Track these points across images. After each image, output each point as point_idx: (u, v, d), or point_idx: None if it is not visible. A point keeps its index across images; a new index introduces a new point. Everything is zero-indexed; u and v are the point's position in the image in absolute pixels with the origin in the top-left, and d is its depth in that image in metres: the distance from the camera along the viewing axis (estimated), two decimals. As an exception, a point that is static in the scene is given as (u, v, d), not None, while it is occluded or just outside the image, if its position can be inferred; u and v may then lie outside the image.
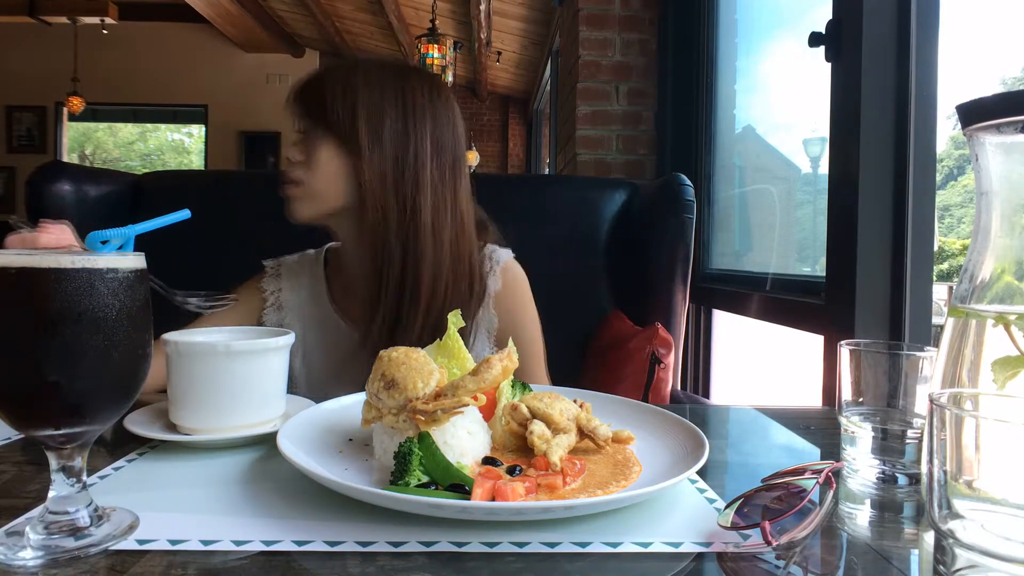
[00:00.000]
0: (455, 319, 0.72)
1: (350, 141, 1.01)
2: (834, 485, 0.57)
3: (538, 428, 0.64)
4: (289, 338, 0.75)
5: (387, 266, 1.02)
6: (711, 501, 0.58)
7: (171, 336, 0.71)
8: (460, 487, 0.54)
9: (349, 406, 0.76)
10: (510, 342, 0.67)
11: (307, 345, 1.14)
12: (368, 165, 1.01)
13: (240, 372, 0.70)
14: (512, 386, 0.73)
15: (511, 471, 0.60)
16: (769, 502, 0.55)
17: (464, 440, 0.61)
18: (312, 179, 1.03)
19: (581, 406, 0.70)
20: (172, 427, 0.72)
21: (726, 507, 0.53)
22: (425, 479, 0.56)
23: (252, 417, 0.71)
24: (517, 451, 0.66)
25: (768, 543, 0.46)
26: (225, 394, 0.70)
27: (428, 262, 1.03)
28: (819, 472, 0.56)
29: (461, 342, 0.72)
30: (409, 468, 0.55)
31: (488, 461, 0.62)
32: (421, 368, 0.62)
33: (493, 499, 0.53)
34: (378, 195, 1.01)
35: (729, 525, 0.50)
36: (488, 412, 0.68)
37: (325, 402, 0.76)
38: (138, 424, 0.71)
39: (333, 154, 1.02)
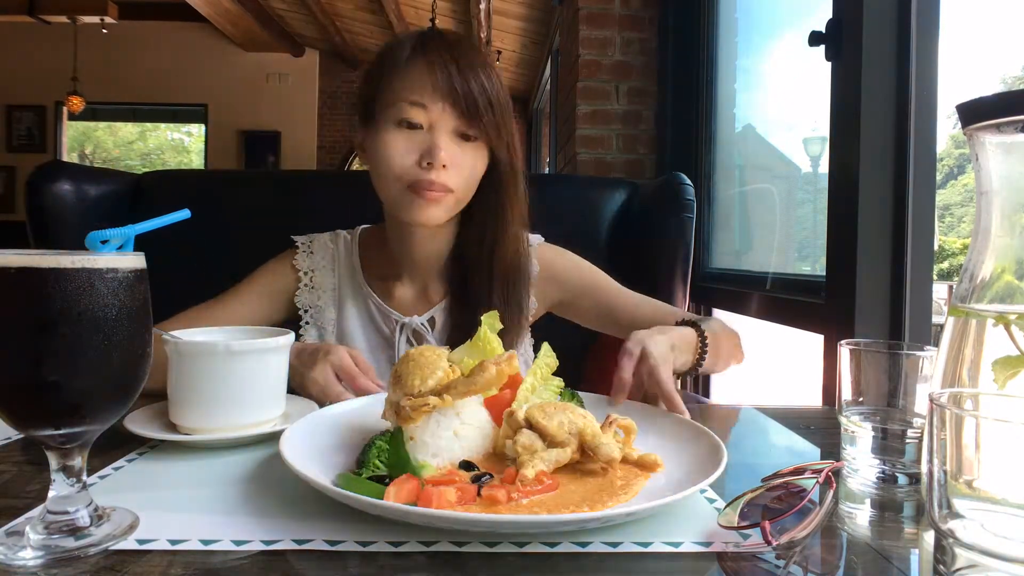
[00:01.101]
0: (490, 321, 0.71)
1: (501, 142, 1.01)
2: (834, 485, 0.57)
3: (524, 438, 0.60)
4: (289, 338, 0.75)
5: (490, 251, 1.04)
6: (711, 501, 0.58)
7: (171, 336, 0.71)
8: (381, 480, 0.55)
9: (356, 408, 0.76)
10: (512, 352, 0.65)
11: (343, 327, 1.11)
12: (509, 163, 1.03)
13: (240, 372, 0.70)
14: (561, 395, 0.71)
15: (478, 478, 0.58)
16: (769, 502, 0.55)
17: (445, 440, 0.61)
18: (462, 185, 0.99)
19: (611, 423, 0.65)
20: (172, 427, 0.72)
21: (726, 506, 0.53)
22: (383, 472, 0.57)
23: (252, 417, 0.71)
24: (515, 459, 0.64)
25: (768, 543, 0.47)
26: (225, 394, 0.70)
27: (516, 244, 1.07)
28: (819, 472, 0.57)
29: (496, 342, 0.71)
30: (367, 459, 0.57)
31: (464, 465, 0.61)
32: (426, 365, 0.62)
33: (415, 503, 0.51)
34: (513, 187, 1.04)
35: (730, 525, 0.50)
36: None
37: (330, 406, 0.76)
38: (138, 424, 0.71)
39: (481, 156, 1.01)
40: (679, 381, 1.00)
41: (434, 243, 1.08)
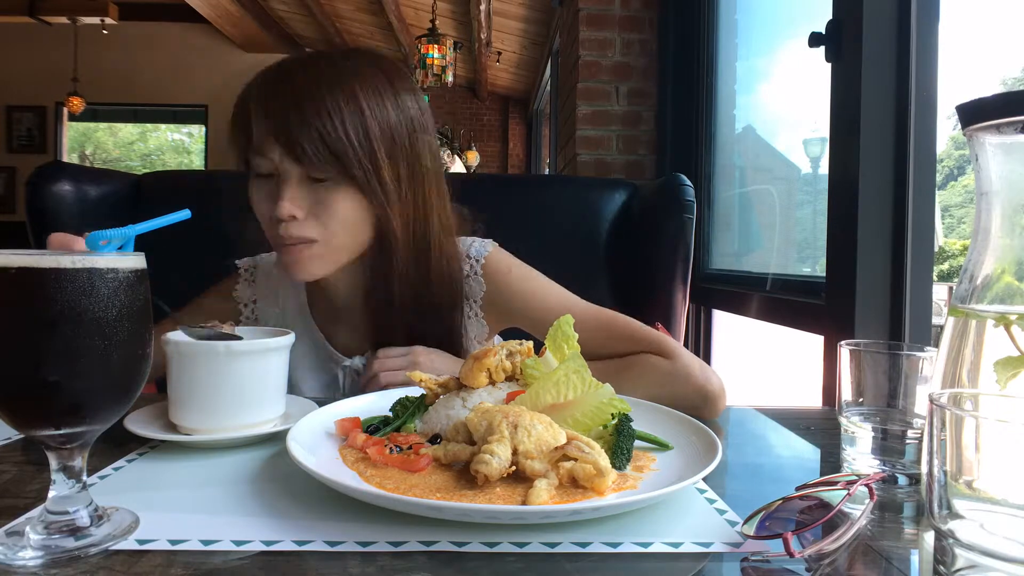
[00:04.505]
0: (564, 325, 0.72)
1: (374, 181, 0.87)
2: (874, 497, 0.54)
3: (488, 463, 0.54)
4: (290, 338, 0.75)
5: (401, 295, 0.95)
6: (711, 501, 0.58)
7: (172, 336, 0.71)
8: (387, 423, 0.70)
9: (361, 407, 0.76)
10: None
11: (293, 365, 0.99)
12: (397, 201, 0.90)
13: (240, 372, 0.70)
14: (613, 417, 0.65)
15: (434, 439, 0.65)
16: (798, 512, 0.54)
17: (441, 418, 0.68)
18: (330, 234, 0.88)
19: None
20: (172, 427, 0.72)
21: (751, 515, 0.51)
22: (396, 421, 0.70)
23: (252, 417, 0.71)
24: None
25: (790, 555, 0.45)
26: (225, 394, 0.70)
27: (442, 282, 0.97)
28: (852, 483, 0.55)
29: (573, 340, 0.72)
30: (393, 407, 0.72)
31: (433, 437, 0.66)
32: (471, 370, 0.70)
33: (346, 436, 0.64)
34: (406, 232, 0.92)
35: (749, 534, 0.49)
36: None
37: (332, 403, 0.76)
38: (138, 424, 0.71)
39: (353, 200, 0.88)
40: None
41: (346, 289, 1.00)
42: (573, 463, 0.55)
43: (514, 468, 0.55)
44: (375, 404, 0.77)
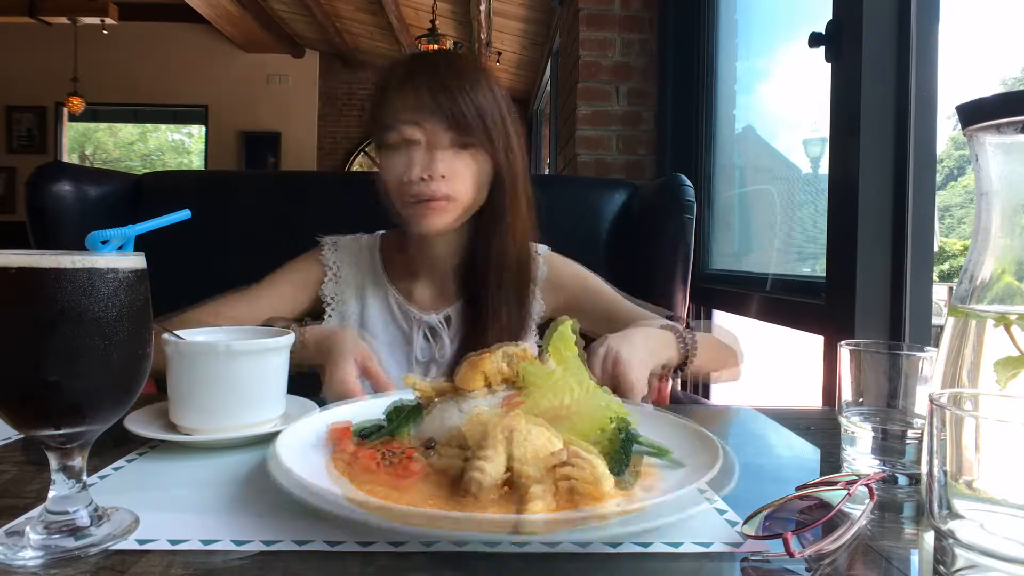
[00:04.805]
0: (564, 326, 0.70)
1: (506, 148, 1.07)
2: (874, 497, 0.54)
3: (482, 470, 0.53)
4: (289, 338, 0.75)
5: (498, 253, 1.10)
6: (711, 501, 0.58)
7: (172, 336, 0.71)
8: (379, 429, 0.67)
9: (363, 407, 0.75)
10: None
11: (365, 320, 1.18)
12: (513, 171, 1.09)
13: (240, 372, 0.70)
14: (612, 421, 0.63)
15: (429, 444, 0.62)
16: (798, 512, 0.54)
17: (436, 423, 0.66)
18: (463, 192, 1.05)
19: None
20: (172, 427, 0.72)
21: (752, 515, 0.52)
22: (390, 427, 0.67)
23: (252, 417, 0.71)
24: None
25: (790, 555, 0.45)
26: (225, 394, 0.70)
27: (524, 252, 1.13)
28: (852, 484, 0.55)
29: (572, 342, 0.70)
30: (388, 411, 0.69)
31: (427, 442, 0.63)
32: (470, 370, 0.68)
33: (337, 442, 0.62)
34: (515, 190, 1.10)
35: (751, 534, 0.49)
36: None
37: (326, 409, 0.75)
38: (138, 424, 0.71)
39: (481, 162, 1.06)
40: (678, 383, 0.99)
41: (446, 247, 1.15)
42: (570, 470, 0.53)
43: (509, 477, 0.54)
44: (369, 409, 0.74)
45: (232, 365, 0.70)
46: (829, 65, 1.56)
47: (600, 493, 0.52)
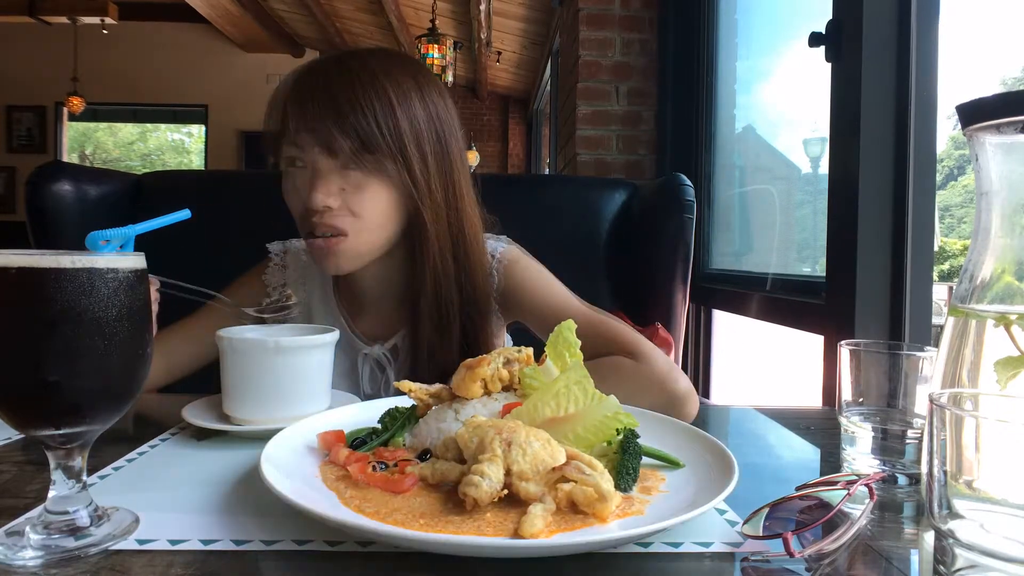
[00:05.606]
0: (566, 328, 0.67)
1: (405, 174, 0.90)
2: (874, 497, 0.54)
3: (477, 485, 0.49)
4: (334, 335, 0.79)
5: (438, 286, 0.95)
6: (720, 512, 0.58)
7: (225, 332, 0.75)
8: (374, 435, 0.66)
9: (356, 413, 0.75)
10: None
11: None
12: (427, 194, 0.92)
13: (287, 367, 0.74)
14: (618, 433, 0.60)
15: (423, 455, 0.60)
16: (798, 512, 0.53)
17: (432, 430, 0.64)
18: (361, 227, 0.91)
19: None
20: (226, 418, 0.75)
21: (752, 514, 0.51)
22: (385, 433, 0.66)
23: (300, 409, 0.74)
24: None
25: (790, 554, 0.45)
26: (274, 387, 0.74)
27: (474, 275, 0.98)
28: (852, 483, 0.55)
29: (575, 345, 0.67)
30: (382, 418, 0.68)
31: (422, 453, 0.61)
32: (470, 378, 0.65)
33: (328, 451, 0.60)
34: (437, 224, 0.94)
35: (752, 533, 0.49)
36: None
37: (318, 414, 0.73)
38: (194, 415, 0.76)
39: (384, 193, 0.91)
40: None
41: (375, 280, 1.02)
42: (572, 485, 0.50)
43: (507, 492, 0.50)
44: (363, 415, 0.73)
45: (280, 360, 0.74)
46: (829, 65, 1.56)
47: (605, 513, 0.49)
